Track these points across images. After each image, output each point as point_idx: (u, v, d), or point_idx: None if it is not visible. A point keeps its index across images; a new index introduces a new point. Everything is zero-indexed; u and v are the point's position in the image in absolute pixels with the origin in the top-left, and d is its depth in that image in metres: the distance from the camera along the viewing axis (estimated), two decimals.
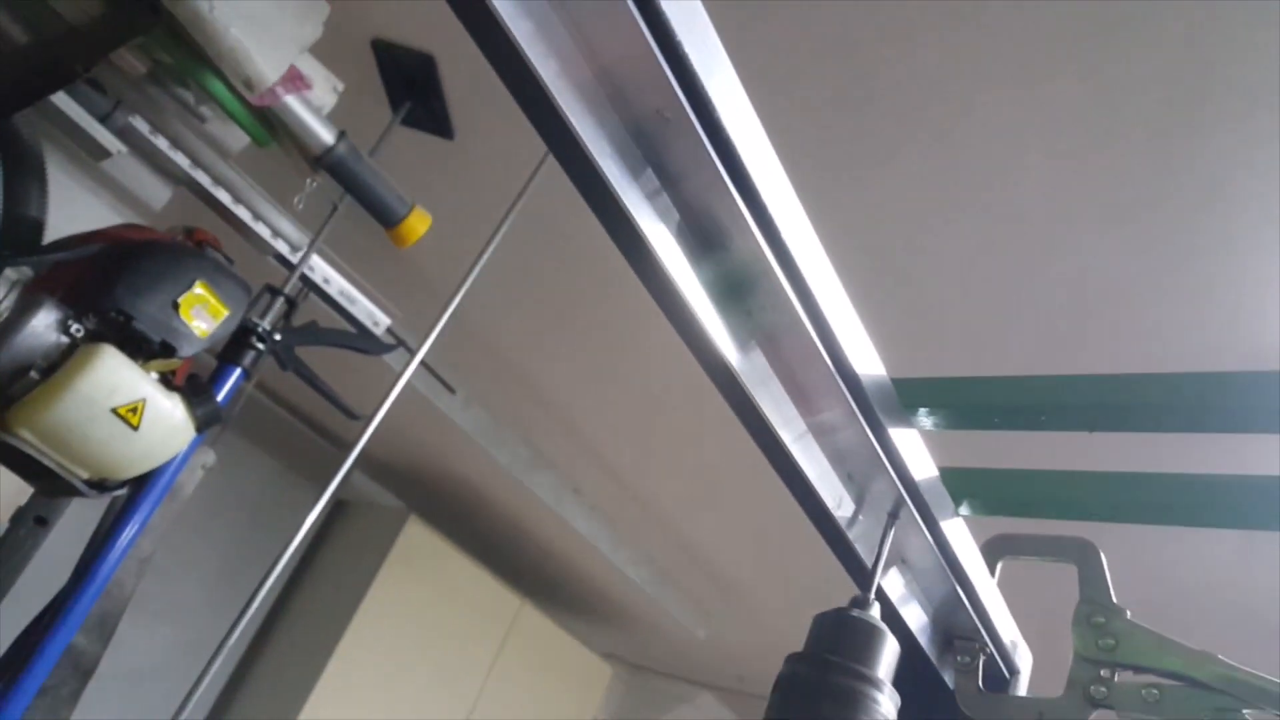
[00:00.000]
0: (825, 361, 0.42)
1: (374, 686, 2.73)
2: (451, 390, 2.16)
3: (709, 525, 2.58)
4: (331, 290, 1.48)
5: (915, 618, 0.52)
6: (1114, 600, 0.48)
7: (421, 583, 2.85)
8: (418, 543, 2.85)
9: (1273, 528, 0.47)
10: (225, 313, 1.20)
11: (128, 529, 1.28)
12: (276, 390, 2.84)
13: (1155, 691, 0.45)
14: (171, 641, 2.80)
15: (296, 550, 1.44)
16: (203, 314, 1.17)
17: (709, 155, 0.40)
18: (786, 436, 0.42)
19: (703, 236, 0.43)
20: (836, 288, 0.42)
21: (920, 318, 1.48)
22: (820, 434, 0.44)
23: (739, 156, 0.40)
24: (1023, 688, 0.54)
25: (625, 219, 0.42)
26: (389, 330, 1.55)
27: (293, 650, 2.76)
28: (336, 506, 3.00)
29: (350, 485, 3.07)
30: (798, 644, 0.46)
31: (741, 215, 0.40)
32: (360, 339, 1.50)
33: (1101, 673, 0.47)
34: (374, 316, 1.55)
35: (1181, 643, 0.44)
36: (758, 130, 0.42)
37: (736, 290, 0.43)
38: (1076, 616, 0.48)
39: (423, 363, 1.52)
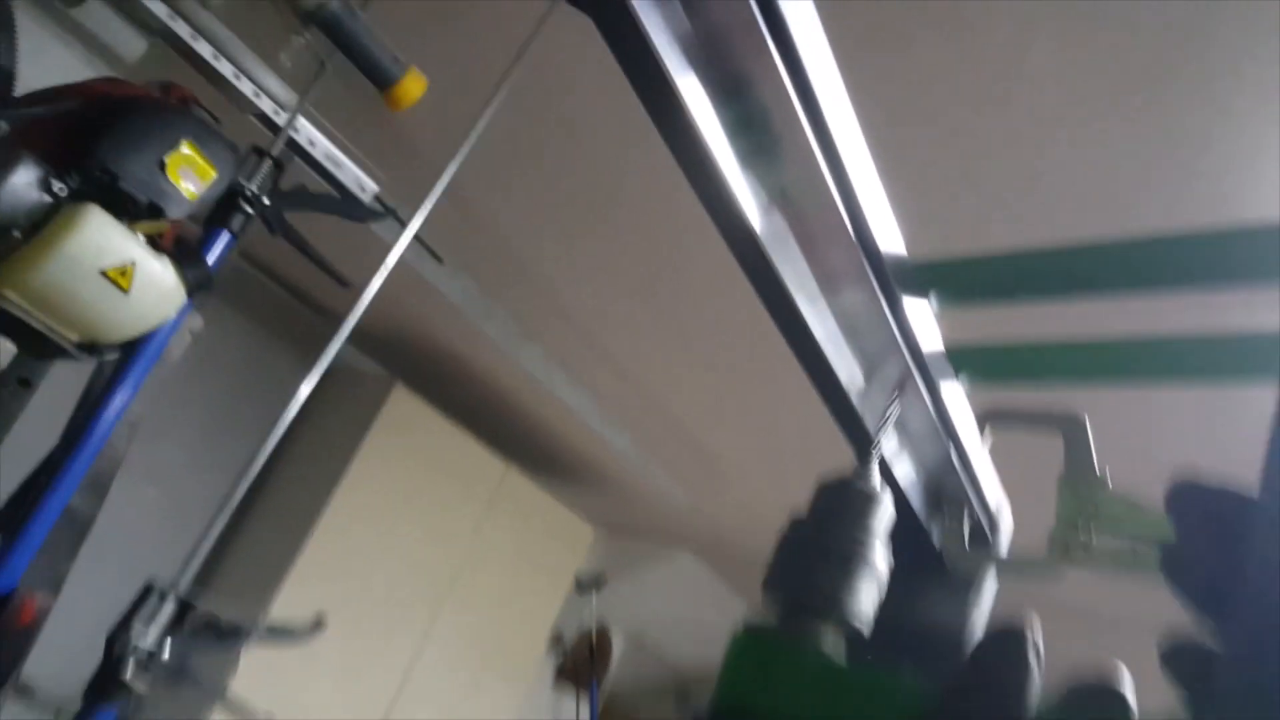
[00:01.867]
0: (850, 235, 0.42)
1: (361, 549, 2.82)
2: (440, 260, 2.15)
3: (692, 398, 2.63)
4: (317, 154, 1.45)
5: (909, 480, 0.55)
6: (1097, 470, 0.51)
7: (407, 449, 2.91)
8: (403, 410, 2.88)
9: (1249, 382, 0.49)
10: (213, 174, 1.17)
11: (120, 393, 1.29)
12: (259, 256, 2.81)
13: (1131, 553, 0.48)
14: (157, 502, 2.86)
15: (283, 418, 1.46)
16: (190, 175, 1.15)
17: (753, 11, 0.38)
18: (805, 308, 0.43)
19: (734, 91, 0.41)
20: (867, 161, 0.42)
21: (928, 200, 1.48)
22: (837, 309, 0.45)
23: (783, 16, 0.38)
24: (1004, 547, 0.58)
25: (659, 70, 0.40)
26: (376, 198, 1.53)
27: (280, 514, 2.83)
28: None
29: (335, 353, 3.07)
30: (774, 509, 0.48)
31: (779, 74, 0.39)
32: (351, 205, 1.48)
33: (1081, 536, 0.50)
34: (361, 182, 1.53)
35: (1159, 509, 0.47)
36: None
37: (763, 154, 0.43)
38: (1060, 484, 0.51)
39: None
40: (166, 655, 1.13)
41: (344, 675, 2.81)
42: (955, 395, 0.51)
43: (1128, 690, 0.38)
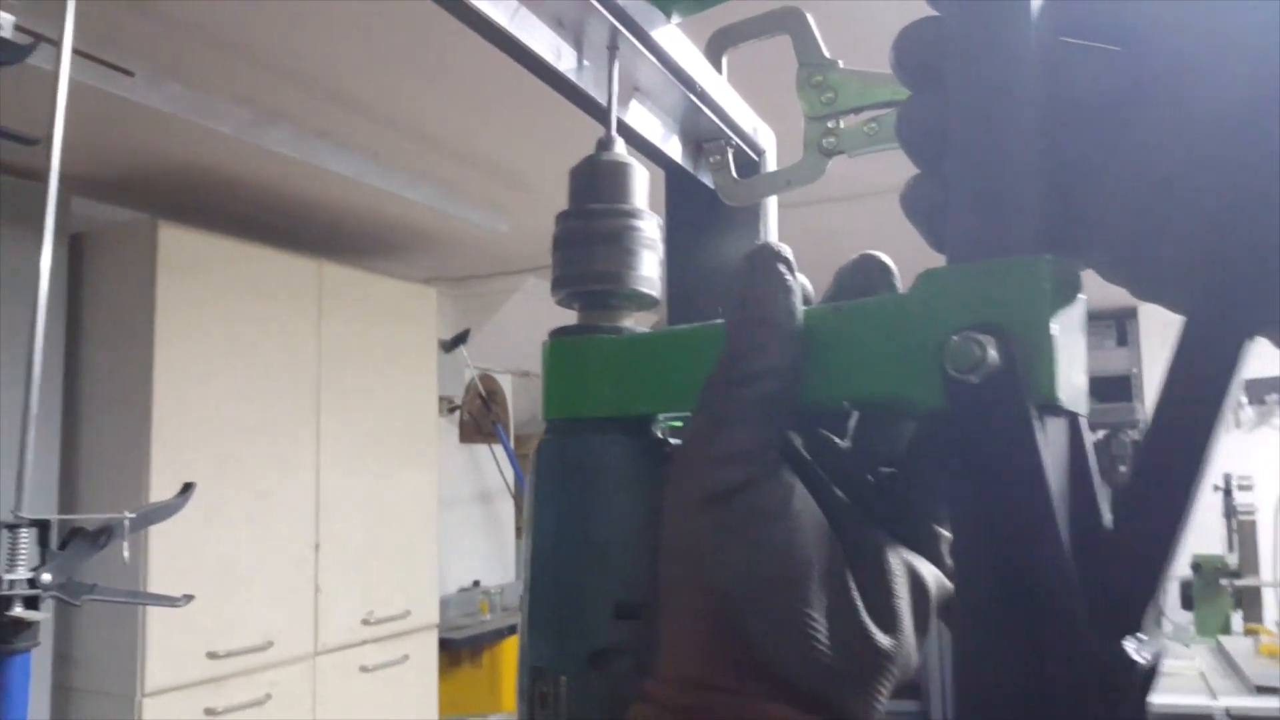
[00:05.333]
0: None
1: (211, 399, 2.72)
2: (128, 72, 1.89)
3: (470, 122, 2.51)
4: None
5: (663, 137, 0.54)
6: (826, 55, 0.51)
7: (205, 284, 2.72)
8: (180, 248, 2.66)
9: None
10: None
11: None
12: None
13: (874, 125, 0.50)
14: None
15: (53, 305, 1.33)
16: None
17: None
18: (500, 17, 0.40)
19: None
20: None
21: None
22: None
23: None
24: (772, 164, 0.59)
25: None
26: (17, 29, 1.29)
27: (112, 402, 2.66)
28: (75, 243, 2.73)
29: (77, 216, 2.77)
30: None
31: None
32: None
33: (829, 125, 0.51)
34: None
35: (888, 73, 0.48)
36: None
37: None
38: (799, 82, 0.51)
39: (78, 52, 1.30)
40: (49, 577, 1.10)
41: (258, 517, 2.84)
42: (673, 35, 0.49)
43: (887, 258, 0.41)
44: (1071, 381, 0.32)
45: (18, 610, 1.05)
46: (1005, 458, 0.29)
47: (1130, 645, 0.27)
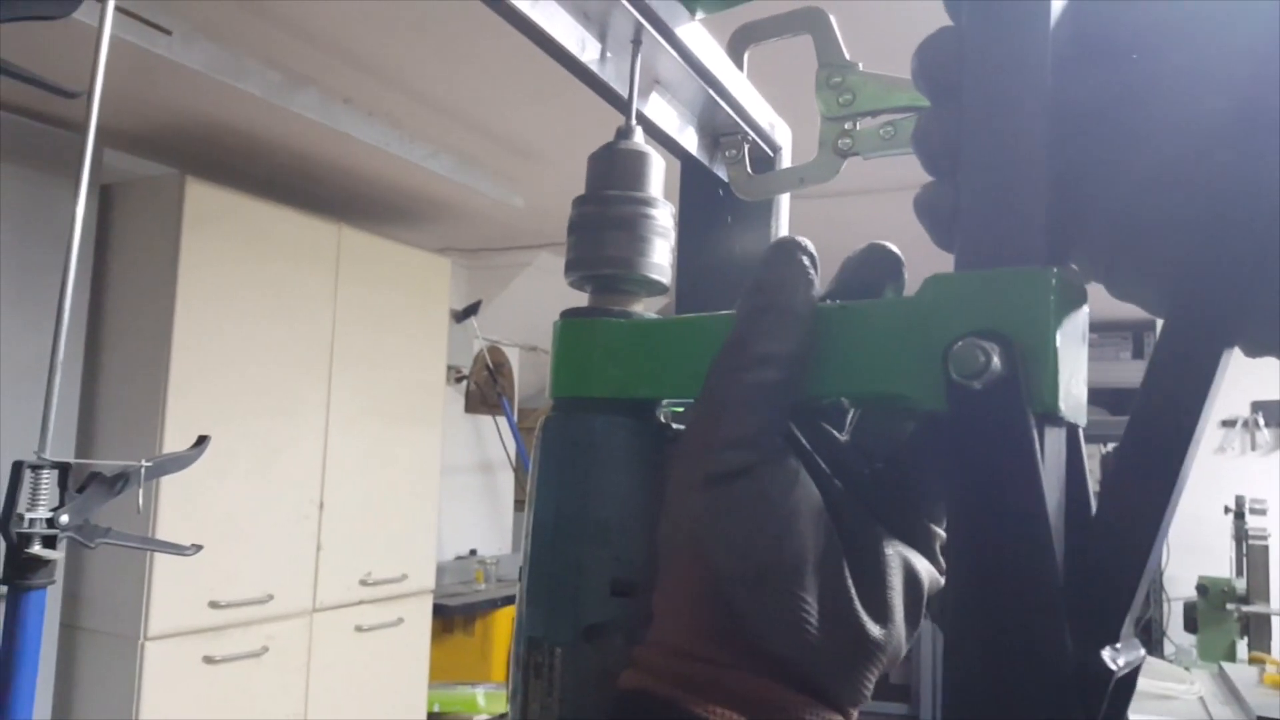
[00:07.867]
0: None
1: (226, 353, 2.75)
2: (166, 31, 1.91)
3: (491, 98, 2.52)
4: None
5: (681, 130, 0.55)
6: (847, 57, 0.52)
7: (228, 241, 2.75)
8: (206, 204, 2.69)
9: None
10: None
11: None
12: None
13: (890, 128, 0.51)
14: (12, 375, 2.68)
15: (83, 252, 1.35)
16: None
17: None
18: (527, 8, 0.41)
19: None
20: None
21: None
22: None
23: None
24: (787, 162, 0.60)
25: None
26: None
27: (132, 351, 2.70)
28: (105, 194, 2.75)
29: (108, 168, 2.79)
30: None
31: None
32: (31, 3, 1.27)
33: (845, 126, 0.52)
34: None
35: (906, 77, 0.49)
36: None
37: None
38: (818, 82, 0.52)
39: (120, 8, 1.32)
40: (66, 518, 1.13)
41: (265, 472, 2.88)
42: (696, 31, 0.50)
43: (895, 249, 0.42)
44: (1072, 393, 0.32)
45: (36, 548, 1.08)
46: (1003, 466, 0.30)
47: (1107, 654, 0.28)
